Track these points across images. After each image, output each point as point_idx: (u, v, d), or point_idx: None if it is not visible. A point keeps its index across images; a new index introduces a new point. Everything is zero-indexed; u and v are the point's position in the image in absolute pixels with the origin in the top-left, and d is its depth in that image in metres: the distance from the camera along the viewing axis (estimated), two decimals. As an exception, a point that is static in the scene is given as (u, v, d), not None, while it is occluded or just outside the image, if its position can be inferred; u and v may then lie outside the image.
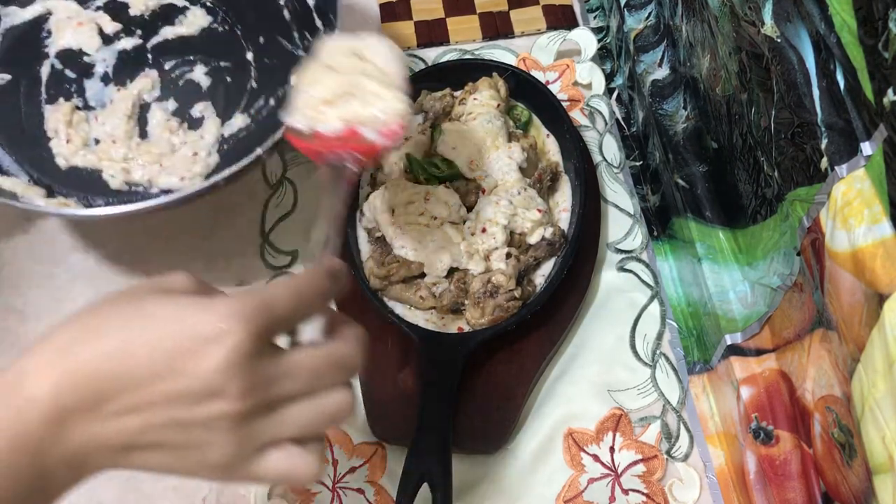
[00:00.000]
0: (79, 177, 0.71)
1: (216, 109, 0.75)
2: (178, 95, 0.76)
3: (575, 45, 0.82)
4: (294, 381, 0.38)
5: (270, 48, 0.76)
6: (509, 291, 0.63)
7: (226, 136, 0.74)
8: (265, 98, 0.75)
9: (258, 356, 0.37)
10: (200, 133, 0.74)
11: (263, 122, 0.74)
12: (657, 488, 0.60)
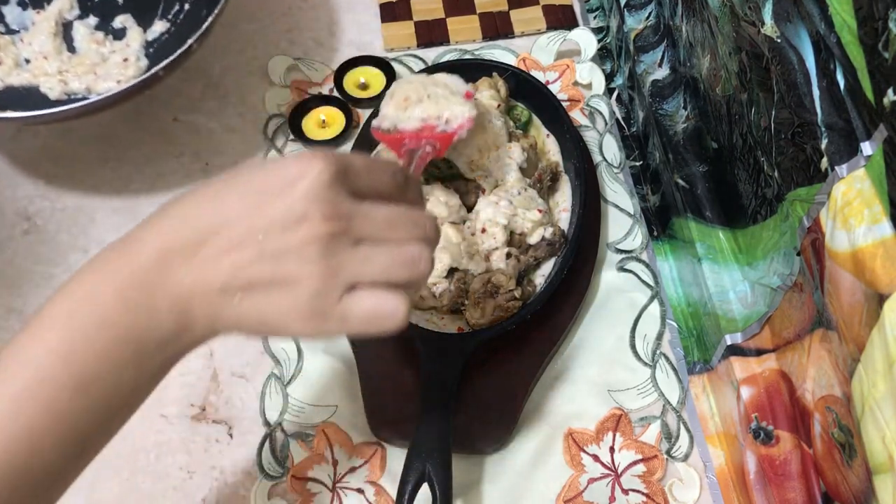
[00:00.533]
0: (17, 95, 0.75)
1: (136, 19, 0.80)
2: (97, 11, 0.80)
3: (575, 45, 0.82)
4: (373, 223, 0.41)
5: None
6: (509, 291, 0.63)
7: (150, 40, 0.79)
8: (180, 3, 0.79)
9: (338, 189, 0.40)
10: (126, 42, 0.78)
11: (183, 23, 0.79)
12: (657, 488, 0.60)
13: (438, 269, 0.63)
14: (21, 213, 0.74)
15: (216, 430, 0.64)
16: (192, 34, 0.67)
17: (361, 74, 0.80)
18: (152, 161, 0.77)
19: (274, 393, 0.65)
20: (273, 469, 0.62)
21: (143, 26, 0.79)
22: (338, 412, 0.64)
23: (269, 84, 0.81)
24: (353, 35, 0.86)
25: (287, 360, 0.66)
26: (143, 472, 0.62)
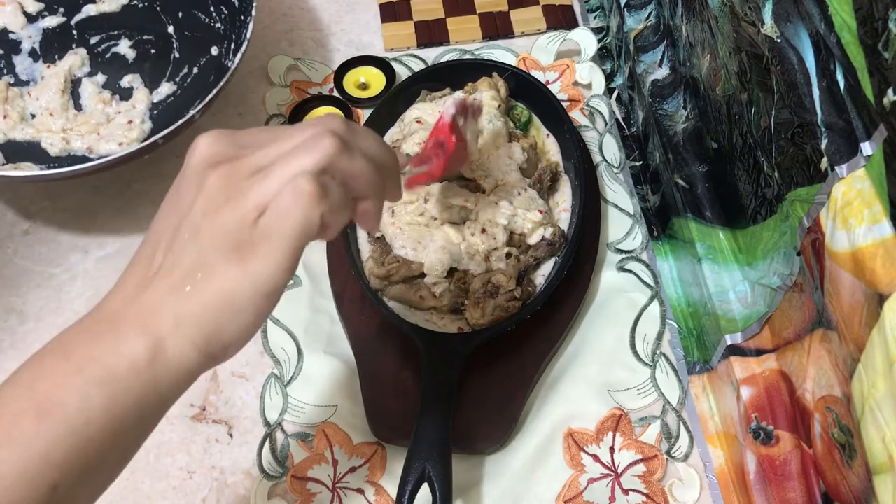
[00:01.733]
0: (18, 149, 0.74)
1: (144, 80, 0.79)
2: (107, 69, 0.80)
3: (575, 45, 0.82)
4: (264, 149, 0.41)
5: (189, 21, 0.80)
6: (509, 291, 0.63)
7: (155, 102, 0.78)
8: (188, 66, 0.79)
9: (222, 143, 0.41)
10: (132, 103, 0.78)
11: (189, 87, 0.78)
12: (657, 488, 0.60)
13: (438, 269, 0.63)
14: (21, 213, 0.74)
15: (216, 430, 0.64)
16: (196, 100, 0.68)
17: (361, 74, 0.80)
18: (152, 161, 0.77)
19: (274, 393, 0.65)
20: (273, 469, 0.62)
21: (151, 87, 0.79)
22: (338, 412, 0.64)
23: (269, 84, 0.81)
24: (353, 35, 0.86)
25: (287, 360, 0.66)
26: (143, 472, 0.62)
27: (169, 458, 0.63)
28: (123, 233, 0.73)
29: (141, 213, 0.74)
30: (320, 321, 0.68)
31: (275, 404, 0.64)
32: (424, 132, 0.69)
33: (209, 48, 0.78)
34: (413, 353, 0.63)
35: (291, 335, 0.67)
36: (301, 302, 0.69)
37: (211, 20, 0.79)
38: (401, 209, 0.65)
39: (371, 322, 0.66)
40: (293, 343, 0.67)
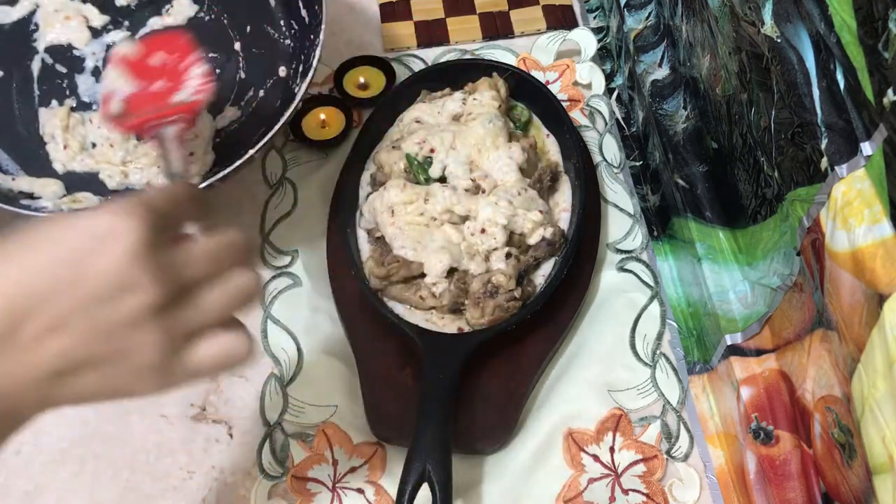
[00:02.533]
0: (76, 180, 0.71)
1: (207, 104, 0.75)
2: None
3: (575, 45, 0.82)
4: (198, 265, 0.40)
5: (257, 37, 0.76)
6: (509, 291, 0.63)
7: (218, 129, 0.74)
8: (254, 89, 0.75)
9: (157, 245, 0.38)
10: (195, 132, 0.73)
11: (254, 114, 0.74)
12: (657, 488, 0.60)
13: (438, 269, 0.63)
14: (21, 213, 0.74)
15: (216, 430, 0.64)
16: (261, 127, 0.64)
17: (361, 74, 0.80)
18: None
19: (274, 393, 0.65)
20: (273, 469, 0.62)
21: (214, 112, 0.73)
22: (338, 412, 0.64)
23: (269, 84, 0.81)
24: (353, 35, 0.85)
25: (287, 360, 0.66)
26: (143, 472, 0.62)
27: (169, 458, 0.63)
28: (123, 233, 0.73)
29: (141, 213, 0.74)
30: (320, 321, 0.68)
31: (275, 404, 0.64)
32: (424, 132, 0.69)
33: (277, 68, 0.74)
34: (413, 353, 0.63)
35: (291, 335, 0.67)
36: (301, 302, 0.69)
37: (280, 35, 0.76)
38: (401, 209, 0.65)
39: (371, 322, 0.66)
40: (293, 343, 0.67)
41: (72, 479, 0.62)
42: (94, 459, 0.63)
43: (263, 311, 0.68)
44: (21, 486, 0.62)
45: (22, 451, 0.63)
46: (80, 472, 0.62)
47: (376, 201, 0.66)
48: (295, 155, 0.77)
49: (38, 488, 0.62)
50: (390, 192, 0.66)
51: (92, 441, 0.63)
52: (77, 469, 0.63)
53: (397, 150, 0.69)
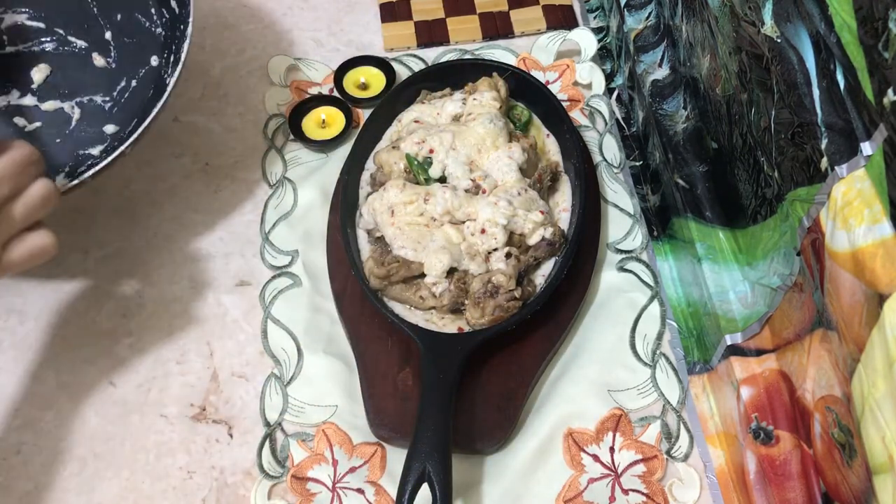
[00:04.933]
0: None
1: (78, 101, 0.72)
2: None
3: (575, 45, 0.82)
4: (2, 188, 0.48)
5: (128, 26, 0.73)
6: (509, 291, 0.63)
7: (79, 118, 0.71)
8: (126, 79, 0.72)
9: None
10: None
11: (125, 103, 0.71)
12: (657, 488, 0.60)
13: (438, 269, 0.63)
14: (21, 213, 0.74)
15: (216, 430, 0.64)
16: (133, 119, 0.66)
17: (361, 74, 0.80)
18: (152, 161, 0.77)
19: (274, 393, 0.65)
20: (273, 469, 0.62)
21: (81, 106, 0.71)
22: (338, 412, 0.64)
23: (269, 84, 0.81)
24: (353, 35, 0.86)
25: (287, 360, 0.66)
26: (143, 472, 0.62)
27: (169, 458, 0.63)
28: (123, 233, 0.73)
29: (140, 213, 0.74)
30: (320, 321, 0.68)
31: (275, 404, 0.64)
32: (423, 132, 0.69)
33: (149, 58, 0.71)
34: (413, 353, 0.63)
35: (291, 335, 0.67)
36: (301, 302, 0.69)
37: (152, 24, 0.73)
38: (401, 209, 0.65)
39: (371, 322, 0.66)
40: (293, 343, 0.67)
41: (72, 479, 0.62)
42: (94, 459, 0.63)
43: (263, 311, 0.68)
44: (21, 486, 0.62)
45: (22, 451, 0.63)
46: (80, 472, 0.62)
47: (376, 201, 0.66)
48: (295, 155, 0.77)
49: (38, 488, 0.62)
50: (390, 192, 0.66)
51: (92, 441, 0.63)
52: (77, 469, 0.63)
53: (397, 150, 0.69)
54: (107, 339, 0.68)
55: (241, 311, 0.69)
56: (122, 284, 0.71)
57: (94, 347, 0.67)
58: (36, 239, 0.51)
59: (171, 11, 0.71)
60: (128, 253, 0.72)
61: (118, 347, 0.67)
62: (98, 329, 0.68)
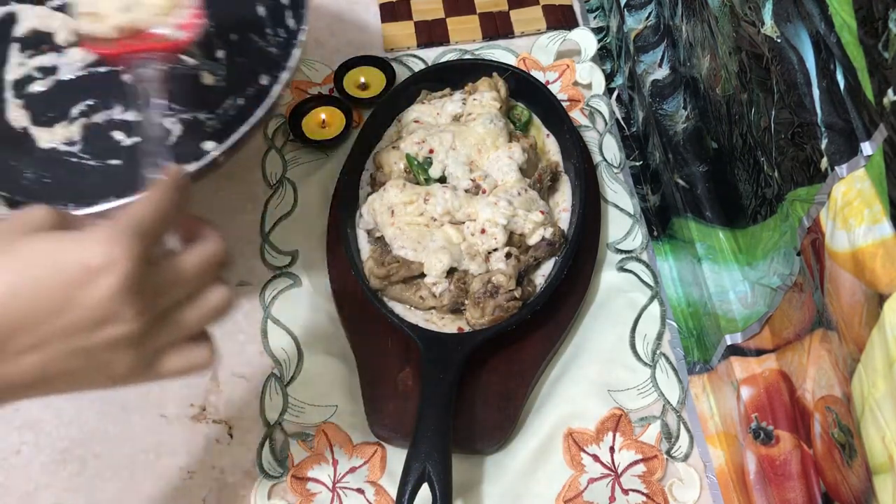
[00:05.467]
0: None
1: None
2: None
3: (575, 45, 0.82)
4: (177, 289, 0.42)
5: (242, 46, 0.72)
6: (509, 291, 0.63)
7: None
8: (234, 97, 0.70)
9: (144, 276, 0.39)
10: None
11: (232, 120, 0.68)
12: (657, 488, 0.60)
13: (438, 269, 0.63)
14: (21, 213, 0.74)
15: (216, 430, 0.64)
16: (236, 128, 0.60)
17: (361, 74, 0.80)
18: (152, 161, 0.77)
19: (274, 393, 0.65)
20: (273, 469, 0.62)
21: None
22: (338, 412, 0.64)
23: (269, 84, 0.81)
24: (353, 35, 0.86)
25: (287, 360, 0.66)
26: (144, 473, 0.62)
27: (169, 458, 0.63)
28: (123, 233, 0.73)
29: (141, 213, 0.74)
30: (320, 321, 0.68)
31: (275, 404, 0.64)
32: (423, 132, 0.69)
33: (258, 77, 0.69)
34: (413, 353, 0.63)
35: (291, 335, 0.67)
36: (301, 302, 0.69)
37: (266, 44, 0.71)
38: (401, 209, 0.65)
39: (371, 322, 0.66)
40: (293, 343, 0.67)
41: (72, 479, 0.62)
42: (94, 459, 0.63)
43: (263, 311, 0.68)
44: (21, 487, 0.62)
45: (22, 451, 0.63)
46: (80, 472, 0.62)
47: (376, 202, 0.66)
48: (295, 155, 0.77)
49: (38, 488, 0.62)
50: (390, 193, 0.66)
51: (92, 441, 0.63)
52: (77, 469, 0.63)
53: (397, 150, 0.69)
54: (107, 339, 0.68)
55: (241, 311, 0.69)
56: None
57: (94, 347, 0.67)
58: (196, 353, 0.44)
59: (287, 30, 0.69)
60: (128, 253, 0.72)
61: (118, 347, 0.67)
62: (98, 329, 0.68)
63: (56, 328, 0.38)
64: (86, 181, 0.65)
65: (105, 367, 0.40)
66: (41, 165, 0.67)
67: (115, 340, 0.39)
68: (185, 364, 0.43)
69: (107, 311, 0.38)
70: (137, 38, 0.50)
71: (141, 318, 0.39)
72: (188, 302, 0.43)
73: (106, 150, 0.68)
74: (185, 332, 0.43)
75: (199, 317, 0.43)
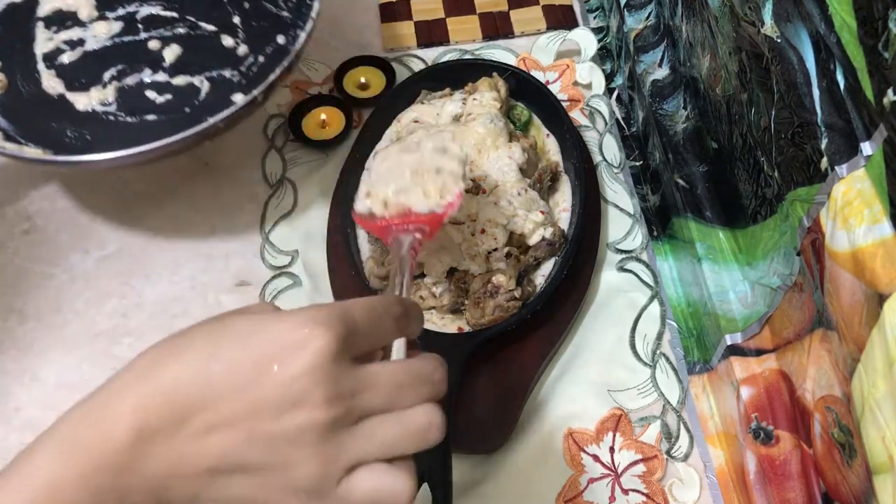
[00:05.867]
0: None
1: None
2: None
3: (575, 45, 0.82)
4: (378, 393, 0.37)
5: (256, 12, 0.77)
6: (509, 291, 0.63)
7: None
8: (254, 55, 0.76)
9: (341, 363, 0.35)
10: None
11: (255, 77, 0.75)
12: (657, 488, 0.60)
13: (438, 269, 0.63)
14: (21, 213, 0.74)
15: (216, 430, 0.64)
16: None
17: (361, 74, 0.80)
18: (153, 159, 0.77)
19: (274, 393, 0.65)
20: (273, 469, 0.62)
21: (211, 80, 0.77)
22: (338, 412, 0.64)
23: (269, 84, 0.81)
24: (353, 35, 0.86)
25: (287, 360, 0.66)
26: None
27: (169, 458, 0.63)
28: (123, 233, 0.73)
29: (140, 214, 0.74)
30: (320, 321, 0.68)
31: (275, 404, 0.64)
32: (423, 132, 0.69)
33: (275, 37, 0.75)
34: (413, 353, 0.63)
35: (291, 335, 0.67)
36: (301, 302, 0.69)
37: (278, 9, 0.76)
38: (401, 209, 0.65)
39: (371, 322, 0.66)
40: (293, 343, 0.67)
41: (72, 479, 0.62)
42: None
43: (263, 312, 0.68)
44: (21, 486, 0.62)
45: (22, 451, 0.63)
46: (80, 472, 0.62)
47: (376, 202, 0.66)
48: (295, 155, 0.77)
49: (38, 488, 0.62)
50: (390, 192, 0.66)
51: (92, 441, 0.63)
52: (77, 469, 0.62)
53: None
54: (107, 339, 0.68)
55: (241, 311, 0.69)
56: (122, 284, 0.71)
57: (94, 347, 0.67)
58: (388, 477, 0.37)
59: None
60: (128, 253, 0.72)
61: (118, 347, 0.67)
62: (98, 329, 0.68)
63: (240, 405, 0.35)
64: (125, 135, 0.70)
65: (284, 469, 0.35)
66: (81, 124, 0.72)
67: (298, 428, 0.35)
68: (375, 487, 0.37)
69: (295, 392, 0.35)
70: (404, 214, 0.54)
71: (330, 407, 0.35)
72: (388, 415, 0.37)
73: (140, 108, 0.74)
74: (379, 449, 0.37)
75: (398, 433, 0.37)
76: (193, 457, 0.35)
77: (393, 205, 0.54)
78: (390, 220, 0.54)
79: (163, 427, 0.35)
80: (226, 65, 0.76)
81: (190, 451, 0.35)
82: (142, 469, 0.35)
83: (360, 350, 0.37)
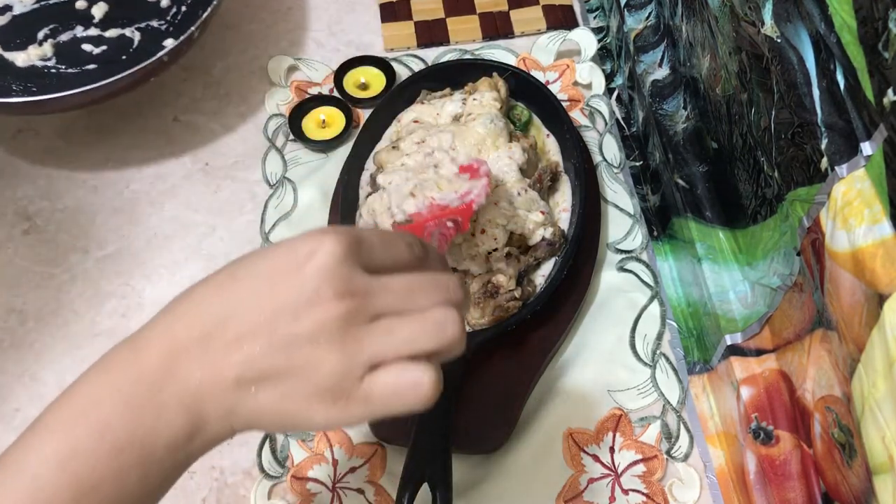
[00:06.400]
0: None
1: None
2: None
3: (575, 45, 0.82)
4: (391, 295, 0.38)
5: None
6: (509, 291, 0.63)
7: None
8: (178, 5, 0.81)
9: (352, 265, 0.37)
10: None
11: (179, 26, 0.80)
12: (657, 488, 0.60)
13: (438, 268, 0.63)
14: (21, 213, 0.74)
15: (216, 430, 0.64)
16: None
17: (361, 74, 0.80)
18: (152, 161, 0.77)
19: (274, 393, 0.65)
20: (273, 469, 0.62)
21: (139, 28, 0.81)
22: (338, 412, 0.64)
23: (270, 84, 0.81)
24: (353, 35, 0.86)
25: (287, 360, 0.66)
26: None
27: (169, 458, 0.63)
28: (123, 233, 0.73)
29: (140, 213, 0.74)
30: (320, 321, 0.68)
31: (275, 404, 0.64)
32: (423, 131, 0.69)
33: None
34: (413, 353, 0.63)
35: (291, 335, 0.67)
36: (301, 302, 0.69)
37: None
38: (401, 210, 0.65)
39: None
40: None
41: (72, 479, 0.62)
42: None
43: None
44: (21, 486, 0.62)
45: (22, 451, 0.63)
46: (80, 472, 0.62)
47: (375, 202, 0.66)
48: (295, 155, 0.77)
49: (38, 488, 0.62)
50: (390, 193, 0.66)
51: (92, 441, 0.63)
52: (77, 469, 0.62)
53: (397, 150, 0.69)
54: (107, 339, 0.68)
55: (241, 311, 0.69)
56: (122, 284, 0.71)
57: (94, 347, 0.67)
58: (411, 373, 0.37)
59: None
60: (128, 253, 0.72)
61: (118, 347, 0.67)
62: (98, 329, 0.68)
63: (260, 315, 0.37)
64: (68, 84, 0.71)
65: (307, 372, 0.36)
66: (25, 78, 0.77)
67: (316, 326, 0.36)
68: (397, 381, 0.37)
69: (308, 293, 0.36)
70: (432, 213, 0.57)
71: (341, 301, 0.36)
72: (405, 314, 0.38)
73: (80, 59, 0.79)
74: (399, 345, 0.37)
75: (416, 329, 0.37)
76: (221, 368, 0.37)
77: (420, 199, 0.57)
78: (426, 217, 0.56)
79: (191, 345, 0.37)
80: (152, 16, 0.81)
81: (218, 363, 0.37)
82: (175, 385, 0.37)
83: (370, 261, 0.38)
